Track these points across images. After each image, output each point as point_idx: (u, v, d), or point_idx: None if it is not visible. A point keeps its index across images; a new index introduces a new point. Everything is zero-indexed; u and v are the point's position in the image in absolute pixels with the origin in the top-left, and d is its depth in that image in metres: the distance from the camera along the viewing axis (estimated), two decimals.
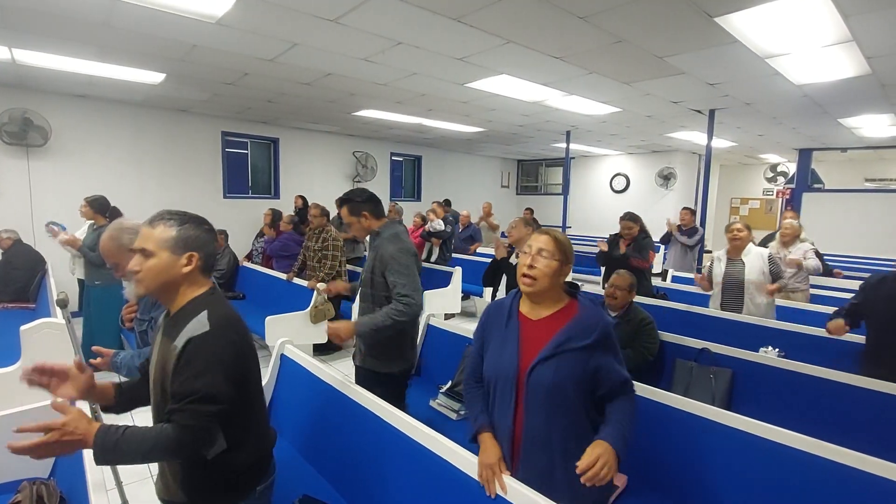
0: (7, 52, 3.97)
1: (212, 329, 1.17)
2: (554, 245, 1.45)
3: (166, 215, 1.27)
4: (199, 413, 1.12)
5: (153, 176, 6.50)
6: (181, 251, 1.24)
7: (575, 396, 1.38)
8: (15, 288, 4.74)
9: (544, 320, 1.46)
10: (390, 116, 6.59)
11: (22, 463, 1.92)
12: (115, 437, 1.08)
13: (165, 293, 1.27)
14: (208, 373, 1.14)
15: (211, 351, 1.16)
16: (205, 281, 1.30)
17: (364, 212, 2.28)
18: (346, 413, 2.02)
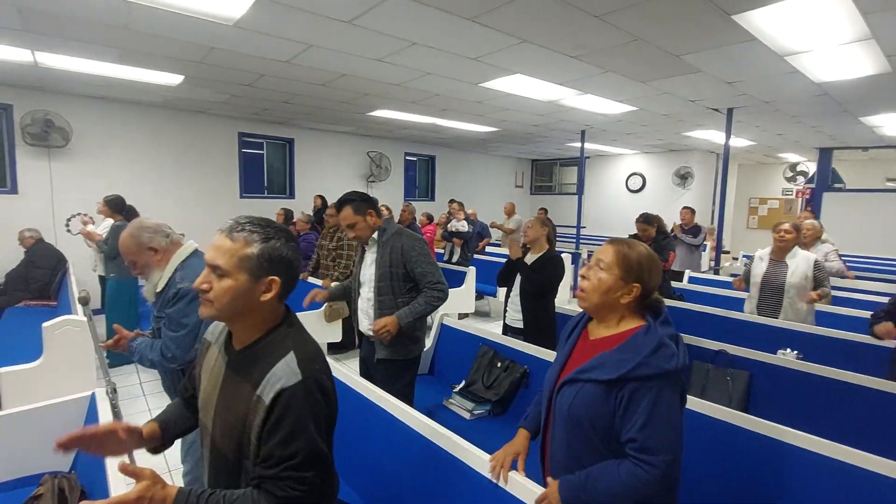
0: (30, 55, 4.07)
1: (304, 379, 0.99)
2: (613, 257, 1.27)
3: (248, 225, 1.03)
4: (300, 480, 0.96)
5: (171, 176, 6.61)
6: (262, 275, 1.02)
7: (594, 434, 1.20)
8: (37, 286, 4.87)
9: (598, 341, 1.29)
10: (404, 116, 6.61)
11: (44, 456, 1.97)
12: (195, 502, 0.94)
13: (236, 320, 1.06)
14: (305, 432, 0.97)
15: (306, 406, 0.98)
16: (281, 307, 1.10)
17: (369, 210, 2.29)
18: (359, 410, 2.03)
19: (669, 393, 1.16)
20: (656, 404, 1.13)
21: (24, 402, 2.04)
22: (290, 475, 0.95)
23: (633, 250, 1.28)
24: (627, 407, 1.14)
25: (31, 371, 2.77)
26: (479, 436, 1.69)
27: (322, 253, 4.72)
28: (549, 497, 1.24)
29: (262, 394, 0.98)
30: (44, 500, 1.58)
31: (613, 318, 1.29)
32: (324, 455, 1.00)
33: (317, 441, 0.98)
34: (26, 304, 4.73)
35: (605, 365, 1.18)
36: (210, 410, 1.09)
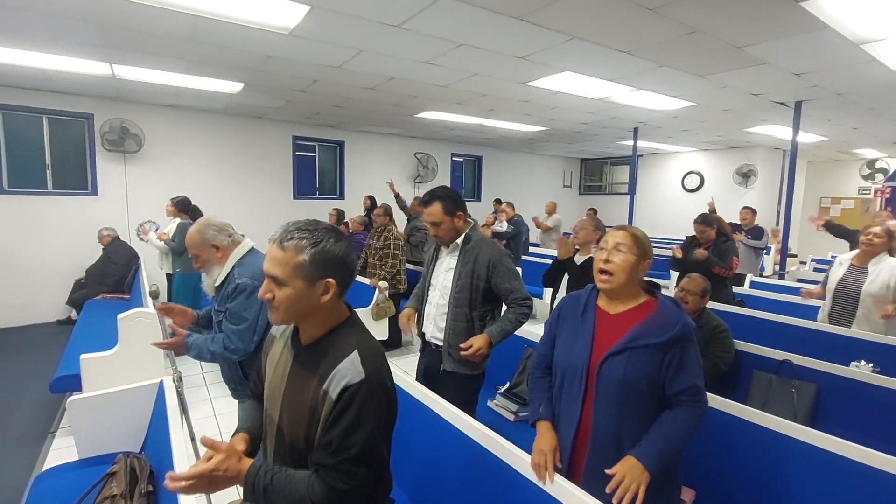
0: (108, 68, 4.44)
1: (367, 376, 1.03)
2: (631, 239, 1.46)
3: (296, 232, 1.07)
4: (352, 475, 1.01)
5: (231, 178, 7.00)
6: (317, 278, 1.06)
7: (647, 394, 1.37)
8: (113, 280, 5.29)
9: (621, 315, 1.45)
10: (451, 117, 6.65)
11: (118, 437, 2.14)
12: (264, 483, 1.03)
13: (302, 320, 1.12)
14: (364, 428, 1.02)
15: (368, 403, 1.02)
16: (342, 305, 1.15)
17: (459, 212, 2.14)
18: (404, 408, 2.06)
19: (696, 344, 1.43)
20: (697, 354, 1.40)
21: (101, 386, 2.23)
22: (343, 468, 1.01)
23: (639, 232, 1.51)
24: (682, 361, 1.36)
25: (107, 358, 3.02)
26: (523, 438, 1.67)
27: (369, 252, 4.84)
28: (631, 475, 1.28)
29: (329, 389, 1.03)
30: (117, 477, 1.72)
31: (631, 294, 1.47)
32: (378, 455, 1.04)
33: (373, 439, 1.03)
34: (103, 296, 5.15)
35: (650, 332, 1.37)
36: (277, 402, 1.13)
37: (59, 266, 5.78)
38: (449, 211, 2.13)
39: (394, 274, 4.58)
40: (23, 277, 5.63)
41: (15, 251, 5.58)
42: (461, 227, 2.18)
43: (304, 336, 1.14)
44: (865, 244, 3.01)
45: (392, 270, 4.56)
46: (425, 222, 2.30)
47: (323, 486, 1.01)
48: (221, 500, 2.48)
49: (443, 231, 2.16)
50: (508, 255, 2.24)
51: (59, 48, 3.86)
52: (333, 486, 1.01)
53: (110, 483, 1.70)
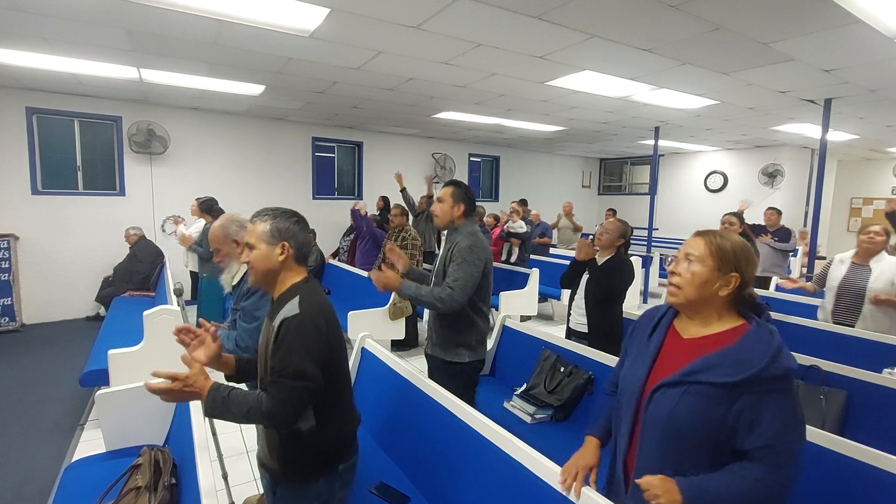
0: (136, 72, 4.56)
1: (301, 313, 1.30)
2: (705, 248, 1.20)
3: (262, 212, 1.45)
4: (288, 387, 1.26)
5: (253, 179, 7.13)
6: (276, 241, 1.40)
7: (705, 442, 1.11)
8: (139, 278, 5.44)
9: (696, 340, 1.21)
10: (469, 118, 6.65)
11: (143, 430, 2.20)
12: (223, 395, 1.26)
13: (270, 281, 1.43)
14: (296, 352, 1.27)
15: (298, 332, 1.29)
16: (301, 270, 1.45)
17: (461, 203, 2.28)
18: (420, 407, 2.08)
19: (793, 392, 1.12)
20: (789, 404, 1.09)
21: (128, 381, 2.29)
22: (282, 382, 1.26)
23: (726, 239, 1.21)
24: (758, 411, 1.07)
25: (133, 354, 3.11)
26: (541, 441, 1.66)
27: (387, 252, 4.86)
28: (662, 490, 1.08)
29: (274, 323, 1.33)
30: (142, 470, 1.76)
31: (711, 315, 1.21)
32: (308, 373, 1.27)
33: (304, 361, 1.27)
34: (130, 293, 5.31)
35: (719, 366, 1.10)
36: (260, 350, 1.45)
37: (89, 264, 5.97)
38: (456, 197, 2.29)
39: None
40: (55, 275, 5.83)
41: (48, 250, 5.79)
42: (456, 216, 2.29)
43: (274, 295, 1.44)
44: (866, 242, 3.09)
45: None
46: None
47: (268, 398, 1.27)
48: (241, 495, 2.53)
49: (440, 211, 2.30)
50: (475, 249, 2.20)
51: (90, 54, 3.99)
52: (275, 397, 1.26)
53: (135, 475, 1.75)
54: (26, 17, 3.16)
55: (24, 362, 4.53)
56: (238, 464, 2.80)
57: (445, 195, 2.29)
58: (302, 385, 1.27)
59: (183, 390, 1.25)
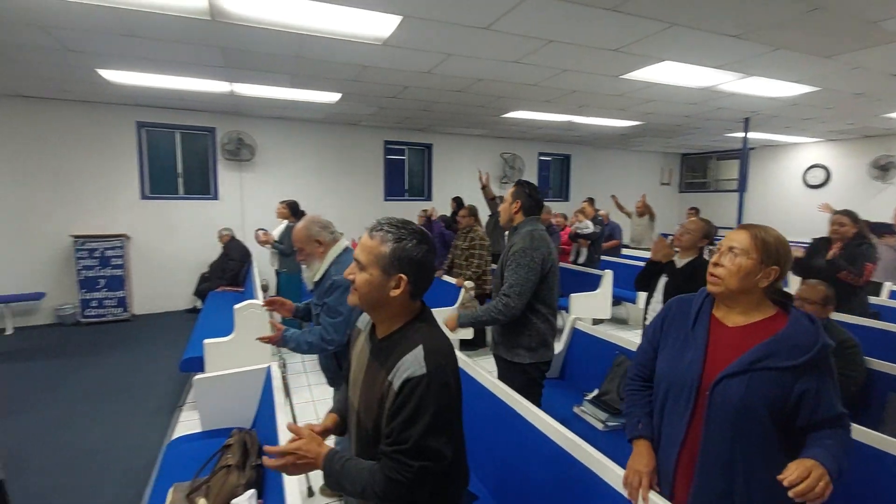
0: (228, 86, 4.99)
1: (429, 372, 1.06)
2: (750, 241, 1.28)
3: (386, 226, 1.14)
4: (405, 466, 1.04)
5: (329, 181, 7.52)
6: (393, 272, 1.11)
7: (769, 421, 1.19)
8: (230, 275, 5.94)
9: (742, 329, 1.28)
10: (539, 116, 6.54)
11: (233, 414, 2.39)
12: (337, 468, 1.12)
13: (375, 310, 1.19)
14: (420, 423, 1.04)
15: (426, 399, 1.05)
16: (415, 305, 1.19)
17: (520, 200, 2.34)
18: (488, 407, 2.08)
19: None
20: (835, 375, 1.22)
21: (220, 368, 2.51)
22: (398, 459, 1.04)
23: (769, 234, 1.30)
24: (819, 389, 1.18)
25: (225, 344, 3.39)
26: (613, 449, 1.60)
27: (456, 253, 4.92)
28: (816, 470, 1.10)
29: (393, 380, 1.08)
30: (232, 450, 1.92)
31: (750, 303, 1.29)
32: (434, 450, 1.05)
33: (429, 434, 1.04)
34: (223, 289, 5.80)
35: (779, 352, 1.19)
36: (357, 389, 1.22)
37: (188, 261, 6.61)
38: (515, 195, 2.35)
39: (479, 274, 4.61)
40: (160, 271, 6.53)
41: (154, 249, 6.49)
42: (514, 214, 2.35)
43: (379, 330, 1.20)
44: None
45: (478, 271, 4.60)
46: None
47: (382, 476, 1.06)
48: (317, 481, 2.67)
49: (502, 209, 2.41)
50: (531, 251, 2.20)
51: (190, 72, 4.42)
52: (391, 477, 1.05)
53: (226, 454, 1.91)
54: (140, 41, 3.56)
55: (133, 348, 5.11)
56: None
57: (507, 194, 2.38)
58: (421, 465, 1.04)
59: (297, 463, 1.13)
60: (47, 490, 2.63)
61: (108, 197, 6.21)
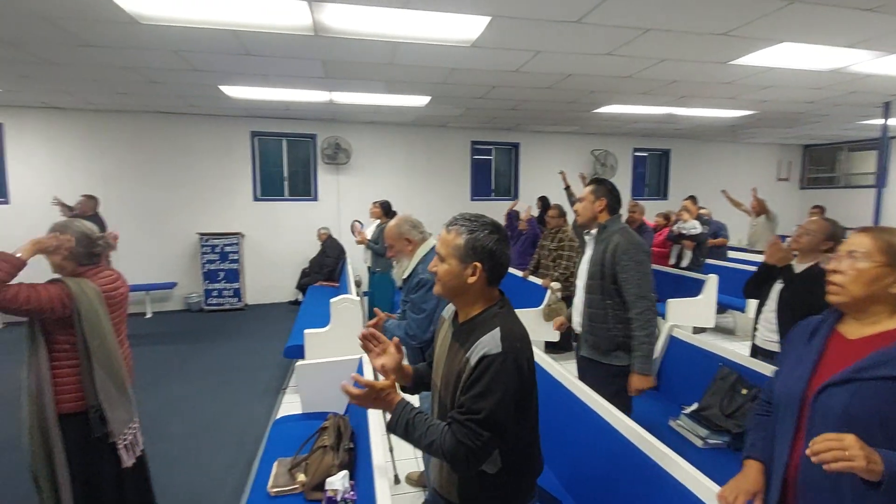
0: (327, 95, 5.36)
1: (503, 351, 1.14)
2: (872, 244, 1.15)
3: (460, 220, 1.27)
4: (476, 434, 1.12)
5: (418, 182, 7.77)
6: (468, 260, 1.22)
7: (880, 436, 1.04)
8: (327, 271, 6.38)
9: (863, 340, 1.14)
10: (634, 110, 6.20)
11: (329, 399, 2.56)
12: (407, 417, 1.20)
13: (456, 298, 1.29)
14: (492, 397, 1.12)
15: (499, 375, 1.13)
16: (493, 292, 1.28)
17: (603, 198, 2.27)
18: (575, 413, 2.02)
19: None
20: None
21: (318, 356, 2.72)
22: (470, 427, 1.12)
23: (890, 236, 1.16)
24: None
25: (322, 334, 3.66)
26: (713, 469, 1.47)
27: (542, 253, 4.82)
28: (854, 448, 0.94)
29: (470, 357, 1.17)
30: (328, 432, 2.08)
31: (882, 312, 1.15)
32: (502, 425, 1.13)
33: (499, 408, 1.12)
34: (321, 284, 6.26)
35: (892, 361, 1.05)
36: (439, 370, 1.33)
37: (292, 258, 7.22)
38: (597, 193, 2.27)
39: (567, 276, 4.48)
40: (268, 266, 7.21)
41: (263, 246, 7.18)
42: (598, 212, 2.27)
43: (461, 316, 1.30)
44: None
45: (566, 272, 4.47)
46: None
47: (452, 438, 1.14)
48: (402, 470, 2.78)
49: (582, 210, 2.32)
50: (638, 247, 2.14)
51: (295, 84, 4.82)
52: (460, 441, 1.12)
53: (323, 436, 2.07)
54: (254, 59, 3.96)
55: (246, 334, 5.70)
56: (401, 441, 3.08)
57: (585, 192, 2.31)
58: (489, 436, 1.12)
59: (375, 399, 1.23)
60: (176, 453, 3.03)
61: (227, 199, 6.99)
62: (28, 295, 1.66)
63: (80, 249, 1.86)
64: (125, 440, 1.90)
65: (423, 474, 2.64)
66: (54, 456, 1.77)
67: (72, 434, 1.81)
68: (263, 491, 1.95)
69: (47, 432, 1.76)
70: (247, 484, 2.66)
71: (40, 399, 1.75)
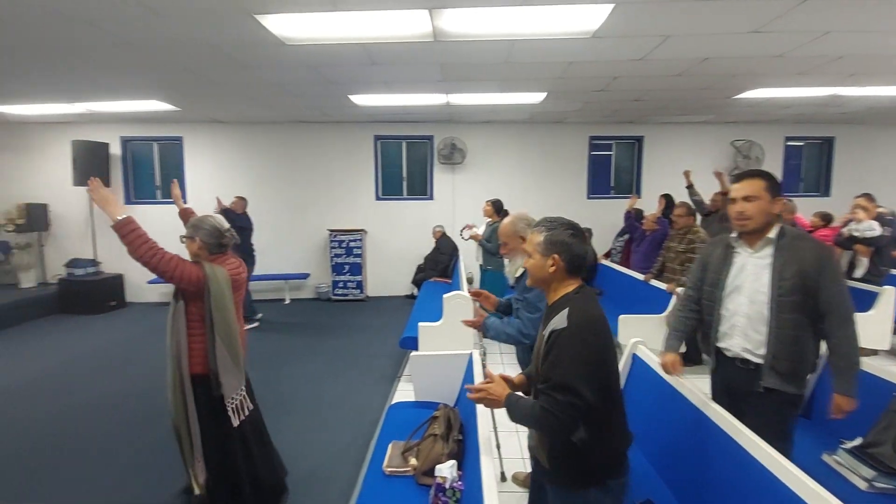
0: (444, 98, 5.53)
1: (569, 326, 1.32)
2: None
3: (542, 222, 1.52)
4: (553, 400, 1.29)
5: (532, 181, 7.66)
6: (547, 253, 1.45)
7: None
8: (441, 267, 6.60)
9: None
10: (787, 93, 5.39)
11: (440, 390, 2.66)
12: (513, 402, 1.43)
13: (543, 287, 1.53)
14: (561, 365, 1.30)
15: (566, 346, 1.31)
16: (572, 280, 1.46)
17: (779, 198, 1.85)
18: (703, 433, 1.82)
19: None
20: None
21: (431, 349, 2.83)
22: (547, 394, 1.32)
23: None
24: None
25: (435, 328, 3.80)
26: None
27: (668, 256, 4.43)
28: None
29: (545, 333, 1.39)
30: (438, 422, 2.16)
31: None
32: (573, 388, 1.28)
33: (568, 375, 1.29)
34: (435, 280, 6.50)
35: None
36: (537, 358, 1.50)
37: (408, 254, 7.61)
38: (772, 191, 1.84)
39: None
40: (387, 261, 7.70)
41: (384, 242, 7.68)
42: (772, 216, 1.85)
43: (549, 301, 1.51)
44: None
45: None
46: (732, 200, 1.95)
47: (538, 407, 1.33)
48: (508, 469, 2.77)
49: (753, 215, 1.84)
50: (836, 255, 1.74)
51: (415, 89, 5.07)
52: (544, 408, 1.31)
53: (433, 424, 2.15)
54: (379, 68, 4.24)
55: (366, 324, 6.16)
56: (508, 439, 3.07)
57: (755, 189, 1.84)
58: (565, 399, 1.28)
59: (485, 397, 1.47)
60: (303, 428, 3.39)
61: (353, 198, 7.61)
62: (177, 265, 2.03)
63: (211, 241, 2.22)
64: (233, 403, 2.17)
65: (528, 476, 2.60)
66: (188, 410, 2.11)
67: (200, 393, 2.13)
68: (379, 469, 2.10)
69: (183, 389, 2.10)
70: (365, 460, 2.87)
71: (179, 360, 2.10)
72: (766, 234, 1.86)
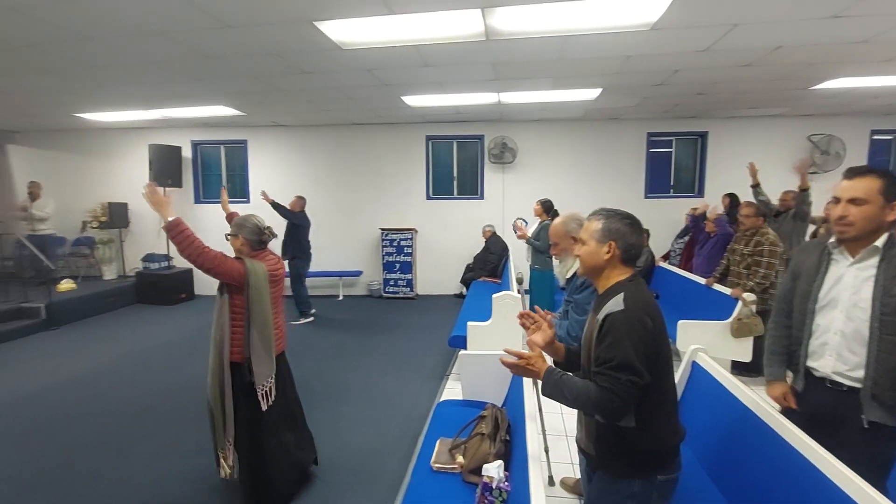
0: (496, 97, 5.50)
1: (626, 309, 1.34)
2: None
3: (598, 211, 1.54)
4: (614, 378, 1.30)
5: (586, 180, 7.46)
6: (604, 240, 1.47)
7: None
8: (490, 267, 6.58)
9: None
10: (873, 82, 4.93)
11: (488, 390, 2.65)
12: (556, 378, 1.41)
13: (595, 275, 1.52)
14: (620, 345, 1.31)
15: (624, 327, 1.32)
16: (626, 269, 1.48)
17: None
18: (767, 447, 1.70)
19: None
20: None
21: (479, 348, 2.83)
22: (607, 374, 1.31)
23: None
24: None
25: (484, 327, 3.79)
26: None
27: (734, 258, 4.17)
28: None
29: (599, 317, 1.40)
30: (486, 421, 2.15)
31: None
32: (635, 366, 1.29)
33: (629, 353, 1.30)
34: (484, 279, 6.48)
35: None
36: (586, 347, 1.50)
37: (458, 253, 7.64)
38: (887, 194, 1.56)
39: (765, 287, 3.80)
40: (437, 260, 7.76)
41: (434, 241, 7.75)
42: (887, 221, 1.58)
43: (599, 291, 1.52)
44: None
45: (764, 282, 3.79)
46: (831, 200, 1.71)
47: (596, 387, 1.33)
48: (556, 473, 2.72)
49: (858, 215, 1.58)
50: None
51: (466, 88, 5.08)
52: (602, 387, 1.31)
53: (481, 423, 2.15)
54: (431, 69, 4.29)
55: (415, 321, 6.25)
56: (557, 443, 3.01)
57: (867, 191, 1.58)
58: (627, 378, 1.29)
59: (525, 367, 1.46)
60: (356, 417, 3.49)
61: (404, 198, 7.74)
62: (222, 261, 2.22)
63: (253, 237, 2.38)
64: (262, 390, 2.30)
65: (578, 482, 2.54)
66: (225, 393, 2.27)
67: (237, 378, 2.29)
68: (427, 464, 2.12)
69: (222, 374, 2.28)
70: (413, 455, 2.92)
71: (221, 347, 2.28)
72: (872, 241, 1.62)
